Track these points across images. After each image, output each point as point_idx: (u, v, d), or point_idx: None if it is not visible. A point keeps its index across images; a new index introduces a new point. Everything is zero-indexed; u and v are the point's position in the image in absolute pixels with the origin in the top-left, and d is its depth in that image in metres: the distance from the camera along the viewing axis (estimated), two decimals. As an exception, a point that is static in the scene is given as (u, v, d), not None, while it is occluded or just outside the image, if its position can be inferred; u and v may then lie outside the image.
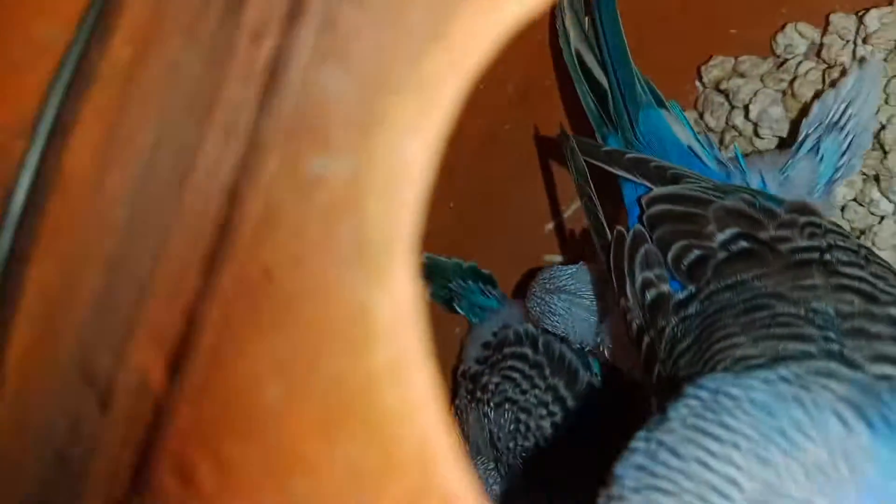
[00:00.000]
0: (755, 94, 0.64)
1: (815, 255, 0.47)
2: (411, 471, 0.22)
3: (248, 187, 0.26)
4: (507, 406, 0.68)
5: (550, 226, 0.82)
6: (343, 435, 0.23)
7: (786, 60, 0.65)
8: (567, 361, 0.66)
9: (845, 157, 0.58)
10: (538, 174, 0.80)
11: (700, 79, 0.70)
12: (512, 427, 0.66)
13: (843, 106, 0.59)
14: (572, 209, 0.81)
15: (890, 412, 0.33)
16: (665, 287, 0.51)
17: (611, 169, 0.58)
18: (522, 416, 0.67)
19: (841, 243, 0.49)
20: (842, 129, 0.59)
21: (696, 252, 0.51)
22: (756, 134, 0.65)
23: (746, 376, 0.35)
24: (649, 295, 0.51)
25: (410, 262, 0.23)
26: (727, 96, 0.67)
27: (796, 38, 0.65)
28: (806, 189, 0.56)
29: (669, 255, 0.52)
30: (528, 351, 0.68)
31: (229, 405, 0.24)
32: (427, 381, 0.22)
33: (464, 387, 0.73)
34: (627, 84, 0.60)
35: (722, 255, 0.50)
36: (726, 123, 0.67)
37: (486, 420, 0.69)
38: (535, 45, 0.72)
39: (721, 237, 0.51)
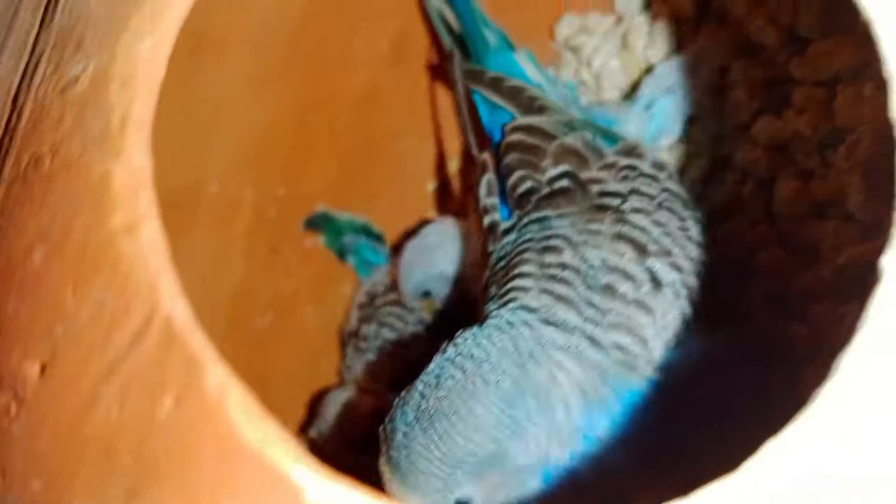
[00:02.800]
0: (596, 49, 0.69)
1: (615, 200, 0.51)
2: (144, 305, 0.27)
3: (24, 93, 0.30)
4: (388, 348, 0.73)
5: (434, 184, 0.87)
6: (90, 284, 0.28)
7: (624, 16, 0.69)
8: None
9: (672, 121, 0.62)
10: (421, 131, 0.84)
11: (553, 37, 0.75)
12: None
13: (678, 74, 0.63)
14: (454, 167, 0.86)
15: (610, 394, 0.41)
16: (496, 216, 0.56)
17: (489, 94, 0.61)
18: (401, 351, 0.72)
19: (644, 188, 0.52)
20: (675, 93, 0.63)
21: (528, 184, 0.54)
22: (600, 87, 0.70)
23: (510, 346, 0.41)
24: (486, 221, 0.56)
25: (144, 139, 0.28)
26: (575, 53, 0.72)
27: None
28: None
29: (508, 183, 0.55)
30: (397, 296, 0.74)
31: (7, 270, 0.29)
32: (154, 234, 0.27)
33: (351, 344, 0.78)
34: (476, 30, 0.65)
35: (545, 189, 0.53)
36: (576, 79, 0.72)
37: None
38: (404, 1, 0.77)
39: (550, 173, 0.54)
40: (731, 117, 0.58)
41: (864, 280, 0.24)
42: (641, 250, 0.47)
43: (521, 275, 0.48)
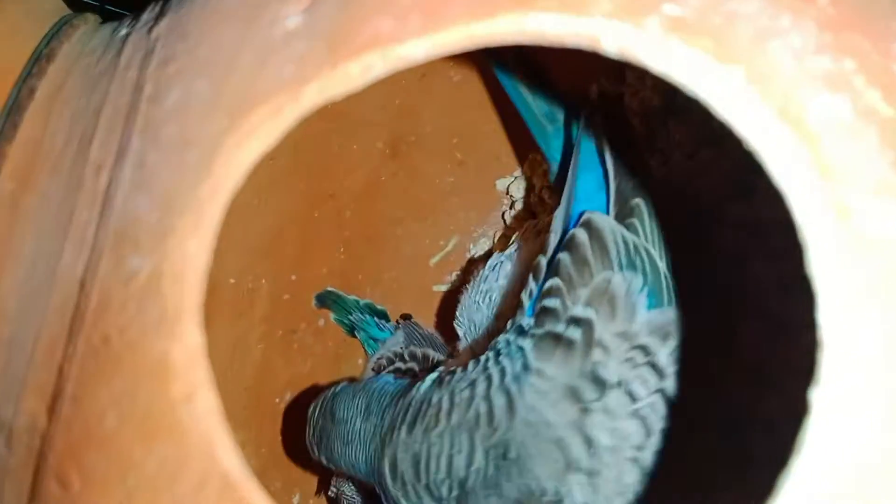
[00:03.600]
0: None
1: (594, 393, 0.50)
2: (202, 460, 0.34)
3: (91, 281, 0.38)
4: None
5: (436, 259, 0.94)
6: (156, 442, 0.35)
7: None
8: (431, 358, 0.79)
9: None
10: (417, 216, 0.92)
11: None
12: None
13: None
14: (452, 244, 0.93)
15: None
16: (525, 305, 0.56)
17: (608, 161, 0.59)
18: None
19: (635, 386, 0.50)
20: None
21: (555, 302, 0.54)
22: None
23: None
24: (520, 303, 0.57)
25: (195, 322, 0.35)
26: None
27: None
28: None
29: (546, 283, 0.55)
30: (400, 365, 0.81)
31: (86, 431, 0.36)
32: (209, 401, 0.34)
33: None
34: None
35: (558, 327, 0.53)
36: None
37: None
38: (395, 108, 0.85)
39: (577, 310, 0.53)
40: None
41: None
42: (567, 459, 0.49)
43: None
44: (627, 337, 0.52)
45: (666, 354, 0.51)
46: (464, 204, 0.92)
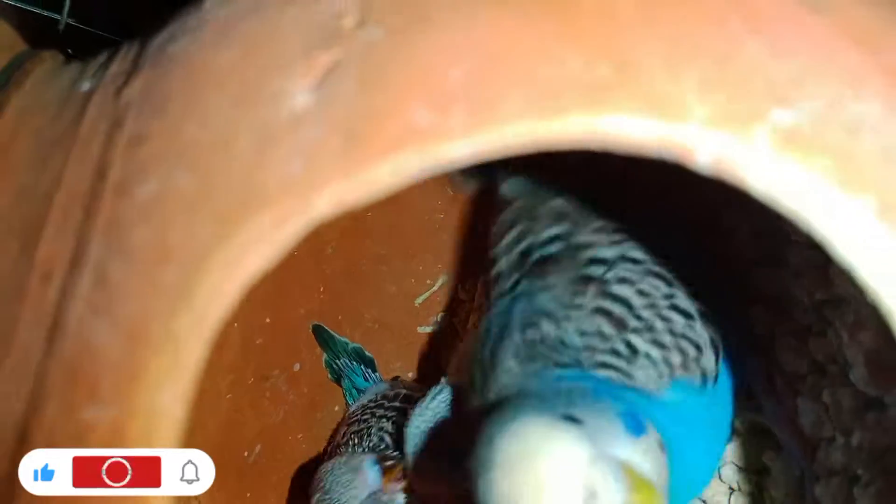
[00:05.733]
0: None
1: (600, 269, 0.50)
2: None
3: (34, 431, 0.29)
4: (353, 438, 0.73)
5: (421, 298, 0.87)
6: None
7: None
8: (403, 394, 0.74)
9: None
10: (403, 254, 0.85)
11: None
12: (354, 441, 0.72)
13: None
14: (439, 283, 0.86)
15: None
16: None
17: None
18: (362, 428, 0.73)
19: (633, 252, 0.51)
20: None
21: (525, 243, 0.54)
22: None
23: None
24: (493, 271, 0.56)
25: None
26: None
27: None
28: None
29: (507, 238, 0.57)
30: (370, 404, 0.75)
31: None
32: None
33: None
34: None
35: (537, 254, 0.53)
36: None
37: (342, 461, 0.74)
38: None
39: (544, 234, 0.54)
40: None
41: None
42: (620, 325, 0.48)
43: (505, 358, 0.50)
44: (605, 229, 0.52)
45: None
46: (452, 242, 0.85)
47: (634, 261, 0.51)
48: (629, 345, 0.47)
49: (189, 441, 0.73)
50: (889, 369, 0.43)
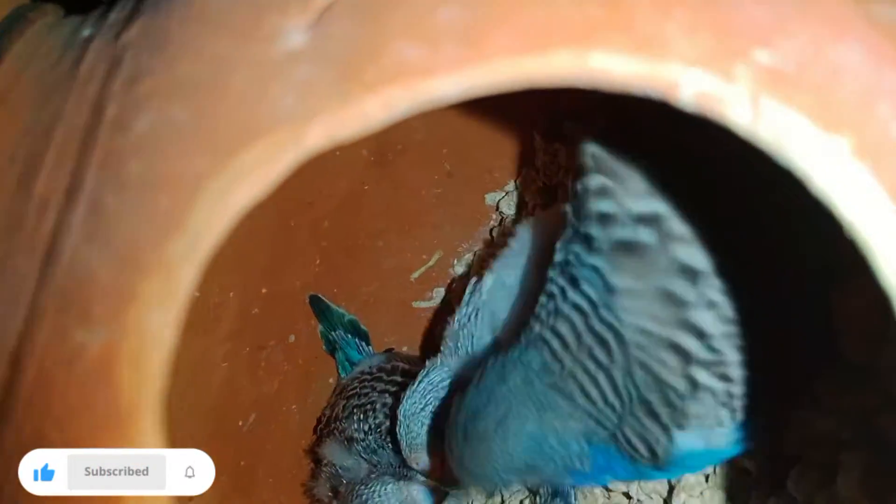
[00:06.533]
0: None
1: (688, 288, 0.45)
2: None
3: (26, 355, 0.30)
4: (354, 411, 0.74)
5: (417, 273, 0.87)
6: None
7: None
8: (401, 368, 0.75)
9: None
10: (400, 228, 0.85)
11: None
12: (358, 416, 0.73)
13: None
14: (435, 259, 0.86)
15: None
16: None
17: None
18: (365, 403, 0.74)
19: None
20: None
21: (608, 206, 0.48)
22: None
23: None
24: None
25: (155, 424, 0.28)
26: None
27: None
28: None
29: (586, 182, 0.49)
30: (366, 377, 0.75)
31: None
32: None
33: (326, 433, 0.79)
34: None
35: (620, 233, 0.47)
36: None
37: (341, 435, 0.75)
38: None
39: (639, 207, 0.46)
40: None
41: None
42: (686, 358, 0.46)
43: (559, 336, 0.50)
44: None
45: None
46: (450, 217, 0.87)
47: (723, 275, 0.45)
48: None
49: (184, 408, 0.73)
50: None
